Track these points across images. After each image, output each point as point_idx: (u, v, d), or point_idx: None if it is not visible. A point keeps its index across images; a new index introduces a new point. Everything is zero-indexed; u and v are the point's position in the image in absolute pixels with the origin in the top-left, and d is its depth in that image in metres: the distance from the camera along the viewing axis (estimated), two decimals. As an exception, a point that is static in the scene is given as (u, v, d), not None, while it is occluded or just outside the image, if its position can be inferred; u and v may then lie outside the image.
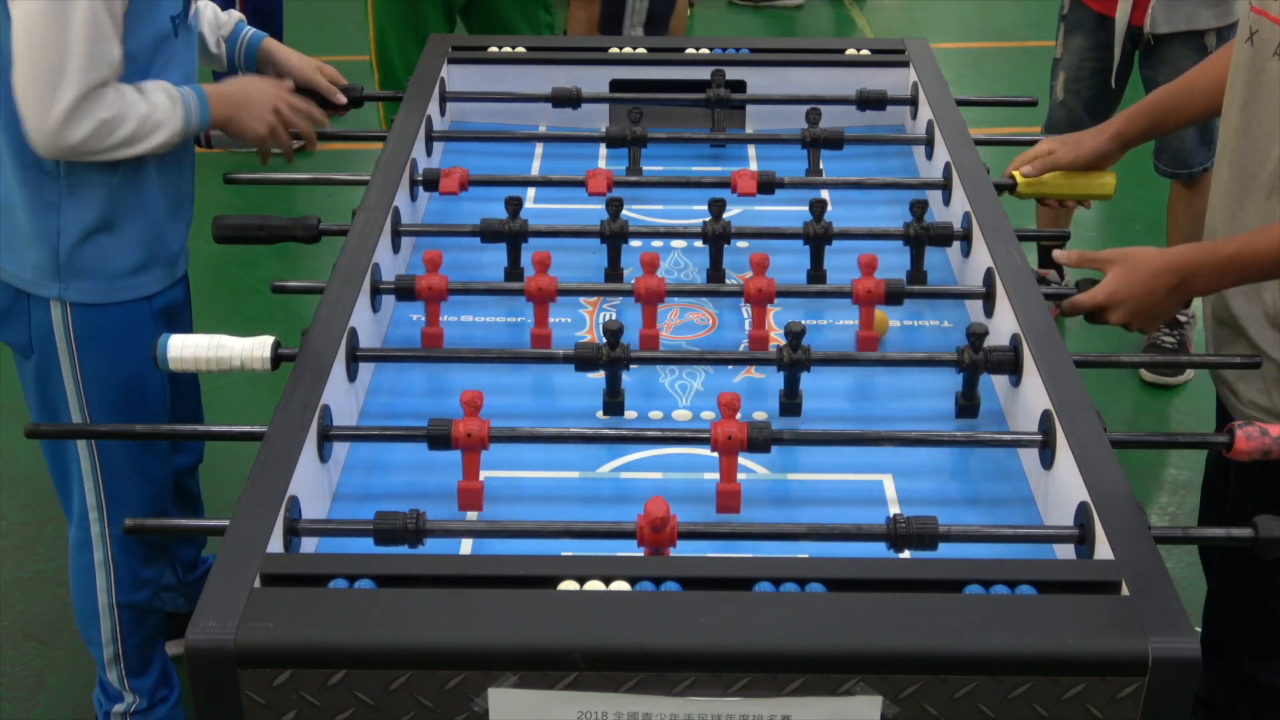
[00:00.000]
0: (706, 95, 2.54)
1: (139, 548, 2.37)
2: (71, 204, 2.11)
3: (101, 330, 2.19)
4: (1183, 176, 3.68)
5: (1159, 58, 3.55)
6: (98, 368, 2.21)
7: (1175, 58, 3.51)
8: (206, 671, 1.30)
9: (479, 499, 1.65)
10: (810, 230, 2.09)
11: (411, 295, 1.95)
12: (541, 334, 1.95)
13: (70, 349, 2.19)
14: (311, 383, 1.67)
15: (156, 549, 2.42)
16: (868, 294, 1.92)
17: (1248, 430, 1.62)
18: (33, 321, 2.19)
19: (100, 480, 2.29)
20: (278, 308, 3.93)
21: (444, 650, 1.30)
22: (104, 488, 2.30)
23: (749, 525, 1.58)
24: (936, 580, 1.39)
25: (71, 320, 2.17)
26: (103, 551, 2.35)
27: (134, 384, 2.24)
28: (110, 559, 2.36)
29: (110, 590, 2.38)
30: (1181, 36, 3.49)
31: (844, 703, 1.30)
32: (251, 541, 1.42)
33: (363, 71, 3.93)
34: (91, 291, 2.16)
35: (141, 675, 2.48)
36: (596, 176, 2.22)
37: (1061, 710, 1.31)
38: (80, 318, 2.17)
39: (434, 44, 2.71)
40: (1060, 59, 3.73)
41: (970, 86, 5.43)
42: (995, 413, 1.85)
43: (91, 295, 2.16)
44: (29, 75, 1.96)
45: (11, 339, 2.24)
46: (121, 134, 2.03)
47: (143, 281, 2.21)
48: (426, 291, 1.93)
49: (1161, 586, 1.36)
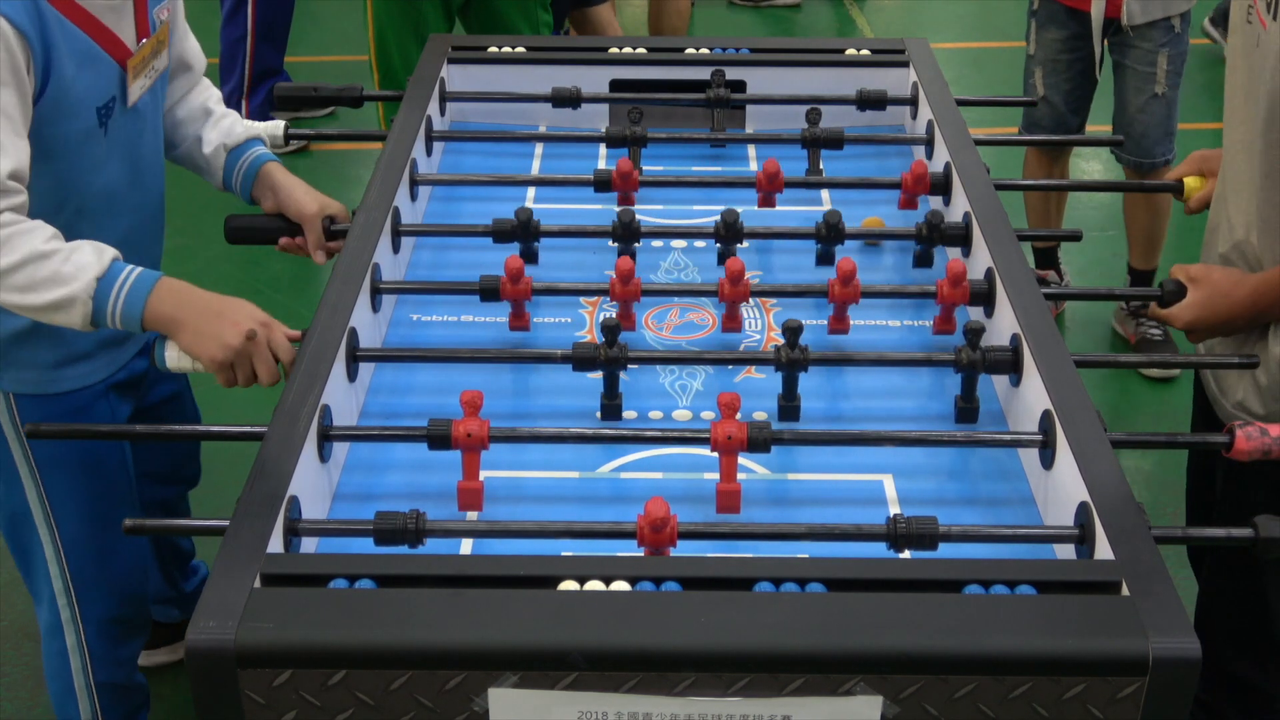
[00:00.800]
0: (707, 95, 2.54)
1: (114, 629, 2.27)
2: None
3: (46, 418, 2.05)
4: (1145, 167, 3.71)
5: (1131, 45, 3.63)
6: (50, 454, 2.09)
7: (1146, 44, 3.60)
8: (206, 671, 1.30)
9: (479, 499, 1.65)
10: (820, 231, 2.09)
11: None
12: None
13: (20, 437, 2.07)
14: (311, 383, 1.67)
15: (133, 626, 2.31)
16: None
17: (1248, 430, 1.63)
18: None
19: (65, 565, 2.18)
20: (278, 308, 3.92)
21: (444, 650, 1.30)
22: (70, 572, 2.19)
23: (749, 525, 1.58)
24: (936, 580, 1.39)
25: (16, 409, 2.05)
26: (75, 636, 2.24)
27: (92, 464, 2.12)
28: (84, 642, 2.25)
29: (86, 672, 2.27)
30: (1152, 23, 3.58)
31: (844, 703, 1.30)
32: (251, 541, 1.42)
33: (363, 71, 3.93)
34: (29, 382, 2.04)
35: None
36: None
37: (1061, 710, 1.31)
38: (24, 406, 2.05)
39: (434, 44, 2.71)
40: (1034, 55, 3.76)
41: (970, 86, 5.43)
42: (995, 413, 1.85)
43: (30, 386, 2.04)
44: None
45: None
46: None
47: (83, 370, 2.07)
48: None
49: (1161, 586, 1.36)
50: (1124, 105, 3.72)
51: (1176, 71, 3.63)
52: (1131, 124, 3.65)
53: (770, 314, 2.06)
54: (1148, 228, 3.81)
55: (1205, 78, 5.14)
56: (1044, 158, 3.92)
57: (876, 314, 2.06)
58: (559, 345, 1.89)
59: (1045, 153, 3.91)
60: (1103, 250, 4.35)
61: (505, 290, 1.93)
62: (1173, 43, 3.60)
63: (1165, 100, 3.62)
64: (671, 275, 2.17)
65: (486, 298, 1.96)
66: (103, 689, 2.30)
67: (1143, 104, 3.64)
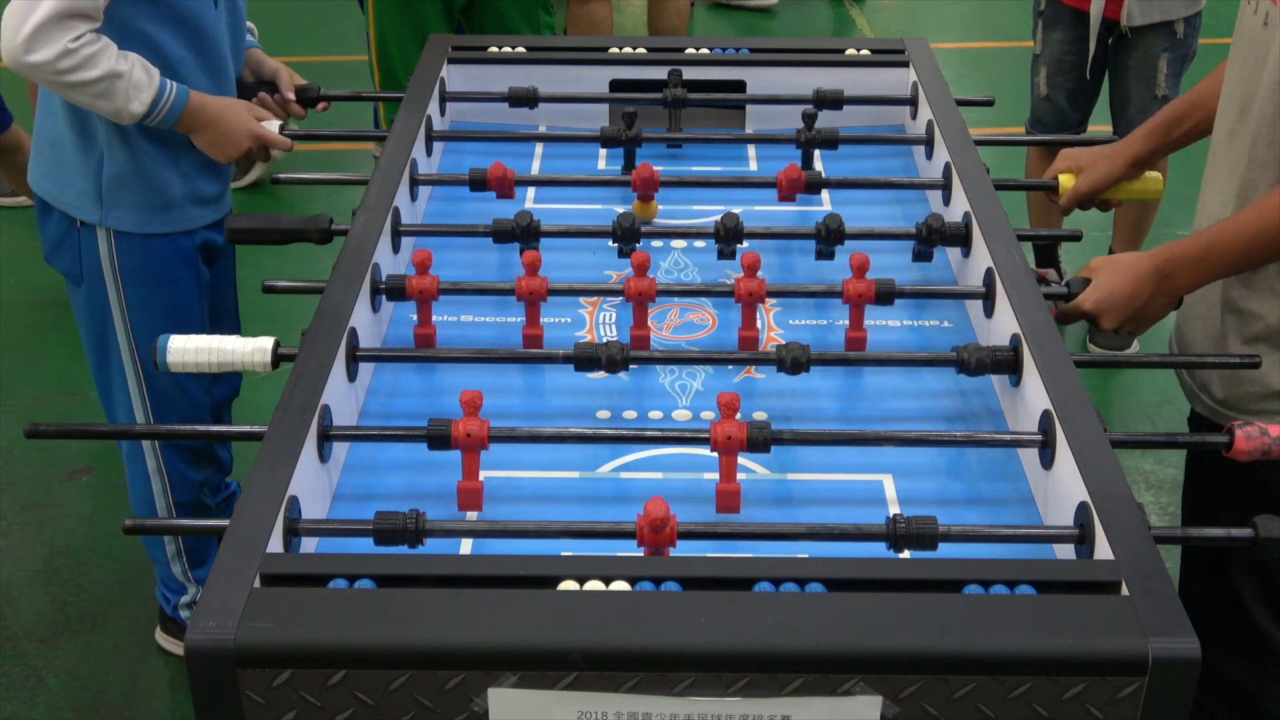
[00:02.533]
0: (664, 95, 2.52)
1: (185, 454, 2.64)
2: (111, 144, 2.33)
3: (143, 259, 2.41)
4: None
5: (1131, 47, 3.65)
6: (141, 296, 2.44)
7: (1146, 46, 3.64)
8: (206, 671, 1.30)
9: (479, 499, 1.65)
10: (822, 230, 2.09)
11: (402, 296, 1.95)
12: (533, 334, 1.95)
13: (115, 277, 2.42)
14: (311, 383, 1.67)
15: (200, 455, 2.68)
16: (858, 296, 1.92)
17: (1248, 430, 1.62)
18: (82, 250, 2.41)
19: (146, 396, 2.53)
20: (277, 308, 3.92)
21: (444, 650, 1.30)
22: (150, 403, 2.54)
23: (749, 525, 1.58)
24: (936, 580, 1.39)
25: (116, 249, 2.40)
26: (154, 460, 2.62)
27: (176, 313, 2.47)
28: (162, 466, 2.62)
29: (166, 493, 2.65)
30: (1153, 26, 3.58)
31: (844, 703, 1.30)
32: (251, 541, 1.42)
33: (362, 71, 3.94)
34: (130, 220, 2.38)
35: (202, 567, 2.76)
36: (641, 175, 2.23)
37: (1061, 710, 1.31)
38: (124, 246, 2.40)
39: (434, 44, 2.71)
40: (1040, 54, 3.78)
41: (970, 86, 5.43)
42: (995, 413, 1.85)
43: (130, 224, 2.38)
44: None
45: (64, 267, 2.47)
46: (82, 75, 2.15)
47: (177, 217, 2.42)
48: (417, 294, 1.94)
49: (1161, 586, 1.36)
50: (1125, 106, 3.74)
51: (1177, 74, 3.65)
52: (1132, 124, 3.66)
53: (770, 314, 2.06)
54: (1138, 216, 3.85)
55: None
56: (1046, 157, 3.94)
57: (877, 314, 2.06)
58: (560, 345, 1.89)
59: (1047, 152, 3.93)
60: (1102, 250, 4.35)
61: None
62: (1174, 47, 3.61)
63: (1166, 102, 3.62)
64: (671, 275, 2.17)
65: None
66: (180, 508, 2.67)
67: (1143, 105, 3.66)
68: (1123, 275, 1.92)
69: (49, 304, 4.08)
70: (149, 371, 2.51)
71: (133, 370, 2.51)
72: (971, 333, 2.03)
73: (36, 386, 3.80)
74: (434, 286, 1.94)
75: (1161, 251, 1.92)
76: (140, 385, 2.53)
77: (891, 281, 1.93)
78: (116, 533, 3.18)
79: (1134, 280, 1.92)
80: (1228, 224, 1.88)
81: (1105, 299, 1.93)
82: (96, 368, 2.57)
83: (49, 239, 2.47)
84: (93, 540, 3.21)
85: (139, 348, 2.50)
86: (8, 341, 4.02)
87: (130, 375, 2.52)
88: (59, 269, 2.50)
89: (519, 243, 2.09)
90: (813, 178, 2.24)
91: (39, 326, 4.05)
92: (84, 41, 2.13)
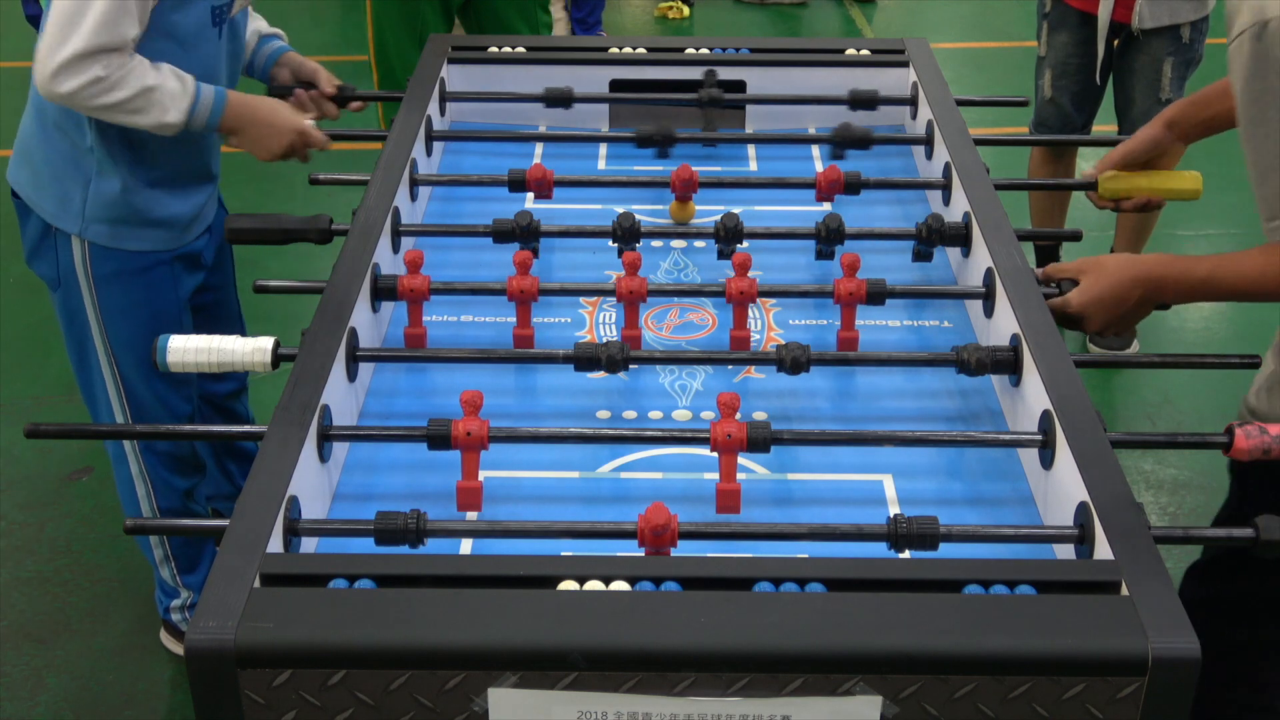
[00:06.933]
0: (699, 95, 2.53)
1: (170, 461, 2.62)
2: (103, 165, 2.31)
3: (118, 267, 2.39)
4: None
5: (1138, 50, 3.65)
6: (116, 302, 2.42)
7: (1153, 49, 3.64)
8: (206, 671, 1.30)
9: (478, 499, 1.65)
10: (822, 230, 2.09)
11: (393, 295, 1.95)
12: (523, 334, 1.95)
13: (89, 283, 2.40)
14: (311, 383, 1.67)
15: (184, 462, 2.65)
16: (849, 295, 1.92)
17: (1247, 429, 1.62)
18: (59, 256, 2.40)
19: (125, 402, 2.51)
20: (277, 308, 3.92)
21: (444, 650, 1.30)
22: (129, 409, 2.52)
23: (749, 525, 1.58)
24: (936, 580, 1.39)
25: (90, 256, 2.38)
26: (137, 465, 2.60)
27: (152, 319, 2.44)
28: (145, 471, 2.60)
29: (150, 498, 2.63)
30: (1160, 30, 3.60)
31: (844, 703, 1.30)
32: (251, 541, 1.42)
33: (362, 71, 3.93)
34: (104, 235, 2.36)
35: (192, 572, 2.75)
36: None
37: (1061, 710, 1.31)
38: (97, 254, 2.37)
39: (433, 44, 2.71)
40: (1045, 57, 3.79)
41: (970, 86, 5.43)
42: (995, 413, 1.85)
43: (104, 239, 2.36)
44: (52, 22, 2.13)
45: (42, 271, 2.46)
46: (115, 97, 2.15)
47: (151, 236, 2.40)
48: (408, 293, 1.94)
49: (1161, 586, 1.36)
50: (1129, 108, 3.74)
51: (1181, 78, 3.65)
52: (1135, 127, 3.66)
53: (770, 314, 2.06)
54: (1141, 216, 3.84)
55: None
56: (1049, 158, 3.94)
57: (877, 314, 2.06)
58: (560, 345, 1.89)
59: (1050, 153, 3.93)
60: (1103, 250, 4.35)
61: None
62: (1179, 51, 3.61)
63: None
64: (671, 275, 2.17)
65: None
66: (165, 514, 2.65)
67: (1148, 108, 3.66)
68: (1109, 280, 1.90)
69: (49, 304, 4.07)
70: (126, 377, 2.48)
71: (111, 376, 2.49)
72: (971, 333, 2.03)
73: (36, 386, 3.80)
74: (425, 286, 1.94)
75: (1157, 266, 1.89)
76: (119, 390, 2.50)
77: (883, 281, 1.93)
78: (116, 533, 3.17)
79: (1121, 286, 1.89)
80: (1233, 260, 1.84)
81: (1091, 302, 1.91)
82: (78, 372, 2.55)
83: (28, 241, 2.46)
84: (93, 540, 3.21)
85: (115, 354, 2.47)
86: (8, 341, 4.02)
87: (109, 381, 2.50)
88: (37, 273, 2.48)
89: (519, 243, 2.09)
90: (851, 178, 2.24)
91: (39, 326, 4.04)
92: (114, 68, 2.13)
